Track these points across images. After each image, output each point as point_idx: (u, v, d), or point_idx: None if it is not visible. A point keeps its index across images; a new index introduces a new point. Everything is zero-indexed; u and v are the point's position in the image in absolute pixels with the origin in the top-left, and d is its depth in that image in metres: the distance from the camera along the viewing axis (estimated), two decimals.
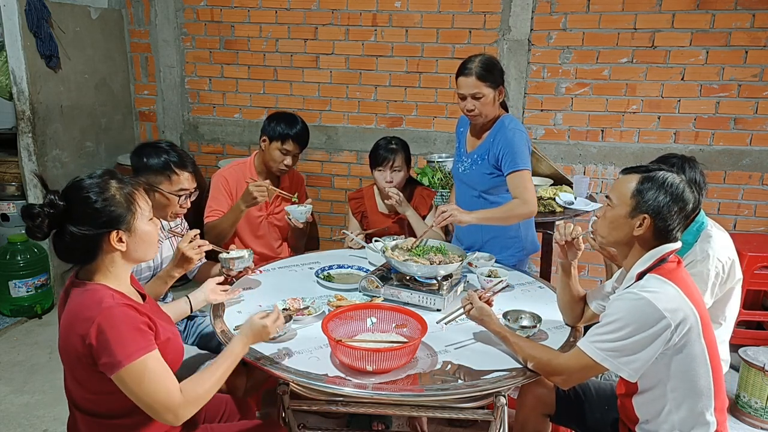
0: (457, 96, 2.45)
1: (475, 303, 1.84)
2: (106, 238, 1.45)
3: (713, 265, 2.01)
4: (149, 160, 2.17)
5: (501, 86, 2.43)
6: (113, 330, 1.37)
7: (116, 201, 1.46)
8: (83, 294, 1.43)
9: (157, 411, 1.40)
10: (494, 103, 2.43)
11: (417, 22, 3.99)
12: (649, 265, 1.61)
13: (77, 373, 1.47)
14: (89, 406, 1.51)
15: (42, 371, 3.14)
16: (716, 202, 3.87)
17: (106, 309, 1.39)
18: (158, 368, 1.41)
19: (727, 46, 3.63)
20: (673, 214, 1.59)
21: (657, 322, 1.50)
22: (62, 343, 1.46)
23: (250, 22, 4.24)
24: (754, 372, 2.76)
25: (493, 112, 2.46)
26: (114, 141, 4.37)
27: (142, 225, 1.51)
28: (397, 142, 2.82)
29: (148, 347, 1.40)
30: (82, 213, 1.43)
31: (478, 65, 2.36)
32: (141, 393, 1.39)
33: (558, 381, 1.68)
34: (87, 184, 1.46)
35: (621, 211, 1.64)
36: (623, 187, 1.65)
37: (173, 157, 2.20)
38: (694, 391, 1.58)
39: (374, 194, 2.96)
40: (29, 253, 3.68)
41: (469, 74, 2.37)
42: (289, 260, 2.64)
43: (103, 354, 1.36)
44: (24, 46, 3.50)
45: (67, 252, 1.47)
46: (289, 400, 1.81)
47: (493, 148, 2.46)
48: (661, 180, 1.60)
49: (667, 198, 1.58)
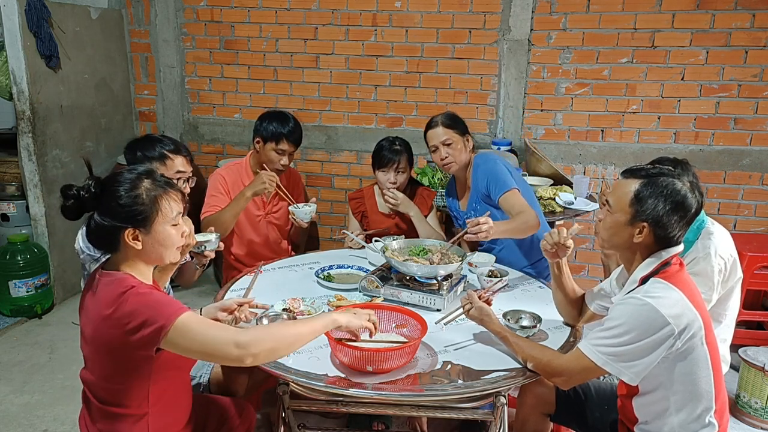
0: (430, 152, 2.65)
1: (474, 303, 1.84)
2: (123, 234, 1.48)
3: (716, 262, 2.01)
4: (144, 152, 2.22)
5: (467, 135, 2.64)
6: (147, 304, 1.41)
7: (141, 200, 1.49)
8: (111, 283, 1.47)
9: (222, 350, 1.41)
10: (465, 149, 2.61)
11: (417, 22, 3.99)
12: (652, 269, 1.60)
13: (105, 361, 1.49)
14: (107, 396, 1.53)
15: (42, 371, 3.14)
16: (716, 202, 3.87)
17: (136, 289, 1.43)
18: (201, 318, 1.45)
19: (727, 46, 3.64)
20: (673, 223, 1.55)
21: (661, 328, 1.49)
22: (94, 333, 1.47)
23: (250, 22, 4.24)
24: (754, 372, 2.76)
25: (465, 157, 2.62)
26: (114, 141, 4.37)
27: (162, 228, 1.53)
28: (401, 143, 2.83)
29: (183, 308, 1.43)
30: (108, 204, 1.48)
31: (442, 117, 2.62)
32: (197, 343, 1.40)
33: (558, 382, 1.68)
34: (122, 178, 1.51)
35: (620, 218, 1.60)
36: (622, 192, 1.60)
37: (166, 144, 2.25)
38: (695, 394, 1.58)
39: (374, 194, 2.96)
40: (29, 253, 3.68)
41: (435, 125, 2.60)
42: (289, 260, 2.64)
43: (144, 327, 1.39)
44: (24, 46, 3.50)
45: (92, 237, 1.52)
46: (289, 400, 1.81)
47: (479, 187, 2.59)
48: (661, 186, 1.55)
49: (667, 206, 1.54)
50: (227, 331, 1.44)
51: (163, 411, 1.56)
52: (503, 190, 2.48)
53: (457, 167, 2.62)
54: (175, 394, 1.60)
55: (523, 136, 3.99)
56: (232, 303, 1.84)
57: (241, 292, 2.23)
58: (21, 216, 3.85)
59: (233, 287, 2.28)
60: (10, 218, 3.87)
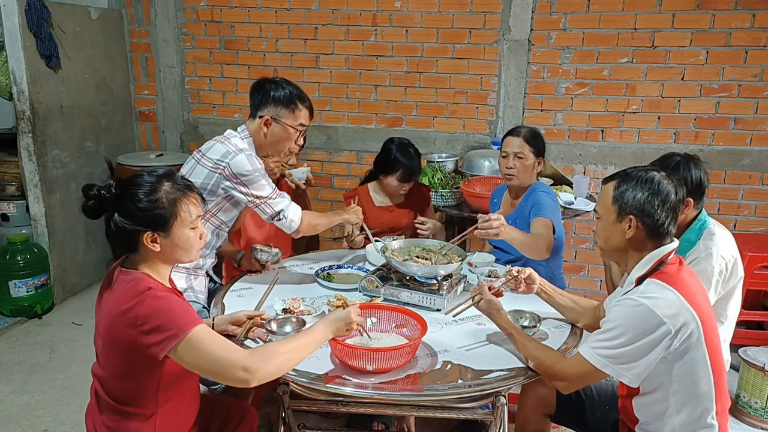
0: (500, 156, 2.61)
1: (484, 295, 1.85)
2: (142, 236, 1.49)
3: (717, 263, 2.01)
4: (274, 93, 2.22)
5: (542, 158, 2.59)
6: (163, 310, 1.41)
7: (160, 204, 1.50)
8: (129, 282, 1.48)
9: (229, 372, 1.41)
10: (533, 169, 2.58)
11: (417, 22, 3.99)
12: (648, 269, 1.60)
13: (116, 358, 1.49)
14: (115, 392, 1.53)
15: (42, 371, 3.14)
16: (716, 202, 3.87)
17: (153, 291, 1.44)
18: (212, 334, 1.46)
19: (727, 46, 3.63)
20: (656, 208, 1.58)
21: (657, 328, 1.50)
22: (108, 329, 1.48)
23: (250, 22, 4.24)
24: (754, 372, 2.76)
25: (529, 179, 2.59)
26: (114, 141, 4.37)
27: (181, 231, 1.54)
28: (415, 151, 2.86)
29: (197, 320, 1.44)
30: (127, 207, 1.49)
31: (527, 130, 2.59)
32: (204, 359, 1.41)
33: (560, 386, 1.68)
34: (142, 180, 1.52)
35: (608, 218, 1.65)
36: (604, 195, 1.67)
37: (295, 90, 2.25)
38: (695, 395, 1.58)
39: (368, 191, 2.98)
40: (29, 253, 3.68)
41: (517, 135, 2.57)
42: (289, 260, 2.64)
43: (156, 332, 1.40)
44: (24, 46, 3.50)
45: (111, 237, 1.53)
46: (289, 400, 1.81)
47: (524, 210, 2.54)
48: (635, 178, 1.61)
49: (645, 194, 1.59)
50: (237, 353, 1.43)
51: (170, 412, 1.56)
52: (540, 214, 2.43)
53: (517, 182, 2.59)
54: (184, 397, 1.60)
55: None
56: (242, 316, 1.85)
57: (241, 292, 2.23)
58: (21, 216, 3.85)
59: (233, 287, 2.28)
60: (10, 218, 3.87)
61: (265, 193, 2.21)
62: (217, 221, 2.31)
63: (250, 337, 1.82)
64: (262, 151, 2.34)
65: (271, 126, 2.26)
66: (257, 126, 2.28)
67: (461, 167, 3.72)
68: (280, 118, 2.25)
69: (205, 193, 2.08)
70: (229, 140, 2.23)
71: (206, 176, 2.18)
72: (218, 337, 1.47)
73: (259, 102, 2.27)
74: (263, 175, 2.21)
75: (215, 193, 2.20)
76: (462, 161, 3.79)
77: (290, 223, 2.27)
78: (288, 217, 2.26)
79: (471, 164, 3.62)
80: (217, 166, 2.17)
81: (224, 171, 2.16)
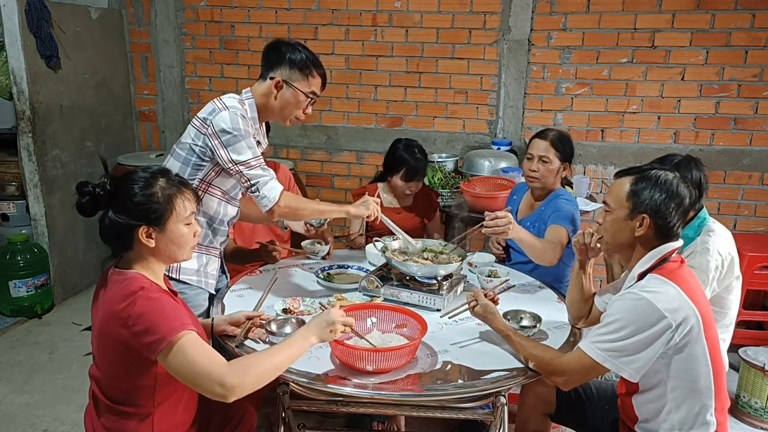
0: (526, 157, 2.55)
1: (480, 300, 1.85)
2: (136, 232, 1.50)
3: (713, 258, 2.01)
4: (291, 55, 2.06)
5: (568, 163, 2.52)
6: (154, 311, 1.41)
7: (155, 198, 1.51)
8: (123, 282, 1.48)
9: (208, 386, 1.40)
10: (557, 174, 2.51)
11: (417, 22, 3.99)
12: (650, 265, 1.61)
13: (111, 358, 1.50)
14: (113, 393, 1.54)
15: (42, 371, 3.14)
16: (716, 202, 3.87)
17: (146, 292, 1.44)
18: (199, 343, 1.44)
19: (727, 46, 3.63)
20: (671, 211, 1.59)
21: (657, 322, 1.50)
22: (101, 329, 1.49)
23: (250, 22, 4.24)
24: (754, 372, 2.76)
25: (553, 183, 2.53)
26: (114, 141, 4.37)
27: (176, 226, 1.54)
28: (421, 151, 2.86)
29: (188, 325, 1.44)
30: (122, 202, 1.50)
31: (555, 133, 2.51)
32: (185, 367, 1.40)
33: (559, 382, 1.68)
34: (136, 176, 1.53)
35: (620, 214, 1.64)
36: (618, 190, 1.65)
37: (311, 55, 2.11)
38: (694, 391, 1.58)
39: (378, 191, 2.98)
40: (29, 253, 3.68)
41: (544, 138, 2.49)
42: (289, 260, 2.64)
43: (146, 334, 1.40)
44: (24, 46, 3.50)
45: (105, 235, 1.54)
46: (289, 400, 1.81)
47: (544, 214, 2.49)
48: (654, 178, 1.61)
49: (663, 195, 1.59)
50: (218, 368, 1.41)
51: (168, 411, 1.57)
52: (557, 222, 2.37)
53: (539, 186, 2.52)
54: (181, 396, 1.60)
55: (523, 136, 3.99)
56: (241, 316, 1.85)
57: (240, 292, 2.23)
58: (21, 216, 3.86)
59: (233, 287, 2.28)
60: (10, 218, 3.87)
61: (243, 158, 1.96)
62: (217, 191, 2.12)
63: (249, 337, 1.82)
64: (265, 115, 2.15)
65: (282, 89, 2.07)
66: (266, 88, 2.08)
67: (461, 167, 3.72)
68: (292, 81, 2.06)
69: (193, 156, 2.00)
70: (221, 99, 2.05)
71: (195, 135, 2.02)
72: (203, 347, 1.44)
73: (272, 63, 2.08)
74: (245, 137, 1.97)
75: (205, 155, 2.02)
76: (462, 161, 3.79)
77: (263, 200, 2.01)
78: (261, 192, 1.99)
79: (471, 164, 3.63)
80: (203, 125, 1.99)
81: (208, 129, 1.97)
